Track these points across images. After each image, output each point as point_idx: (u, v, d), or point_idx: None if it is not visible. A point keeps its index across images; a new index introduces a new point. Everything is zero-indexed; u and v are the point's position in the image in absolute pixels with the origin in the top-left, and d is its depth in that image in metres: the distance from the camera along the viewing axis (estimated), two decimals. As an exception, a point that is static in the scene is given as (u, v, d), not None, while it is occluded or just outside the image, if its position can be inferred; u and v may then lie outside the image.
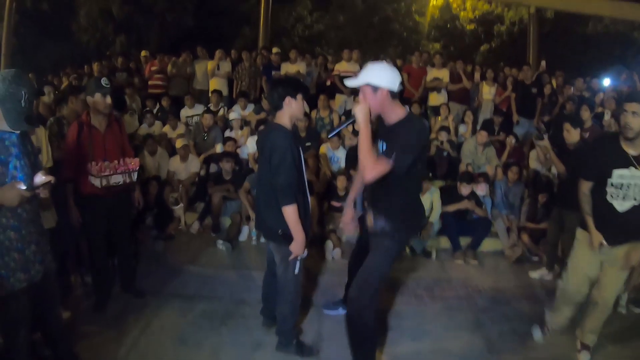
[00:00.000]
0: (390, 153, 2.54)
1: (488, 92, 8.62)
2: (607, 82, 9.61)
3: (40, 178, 2.32)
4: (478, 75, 9.07)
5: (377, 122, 2.86)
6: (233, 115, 7.57)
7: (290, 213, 2.86)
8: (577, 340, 3.49)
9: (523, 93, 8.29)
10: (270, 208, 2.96)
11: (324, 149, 6.82)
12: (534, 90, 8.30)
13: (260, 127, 6.68)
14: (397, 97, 2.64)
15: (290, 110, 2.96)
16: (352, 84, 2.69)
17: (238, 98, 8.23)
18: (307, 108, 3.12)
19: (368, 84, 2.59)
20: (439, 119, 7.91)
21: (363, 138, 2.59)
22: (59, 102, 5.19)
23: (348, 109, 8.23)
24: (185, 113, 8.13)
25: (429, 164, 6.80)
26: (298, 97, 2.96)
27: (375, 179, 2.56)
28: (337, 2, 19.56)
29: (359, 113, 2.61)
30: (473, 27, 19.20)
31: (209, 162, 6.84)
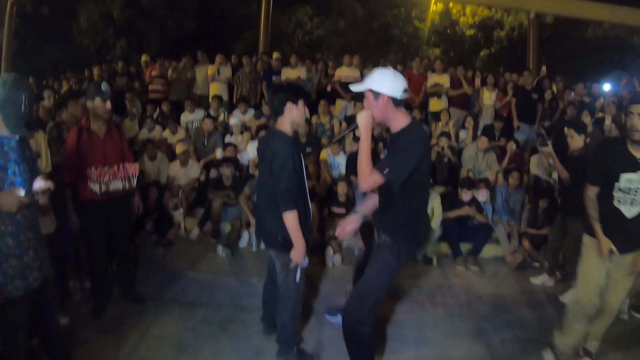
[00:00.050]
0: (384, 166, 2.50)
1: (489, 97, 8.61)
2: (607, 87, 9.62)
3: (39, 184, 2.30)
4: (479, 81, 9.08)
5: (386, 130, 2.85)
6: (233, 121, 7.57)
7: (291, 219, 2.83)
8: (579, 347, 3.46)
9: (524, 98, 8.28)
10: (271, 214, 2.93)
11: (325, 155, 6.80)
12: (535, 96, 8.29)
13: (261, 132, 6.66)
14: (400, 104, 2.57)
15: (291, 116, 2.94)
16: (355, 89, 2.67)
17: (238, 103, 8.22)
18: (307, 114, 3.10)
19: (370, 90, 2.56)
20: (440, 125, 7.89)
21: (362, 145, 2.57)
22: (59, 106, 5.20)
23: (349, 115, 8.23)
24: (186, 118, 8.10)
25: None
26: (299, 103, 2.95)
27: (371, 189, 2.55)
28: (337, 7, 19.64)
29: (361, 119, 2.59)
30: (473, 32, 19.27)
31: (209, 167, 6.81)
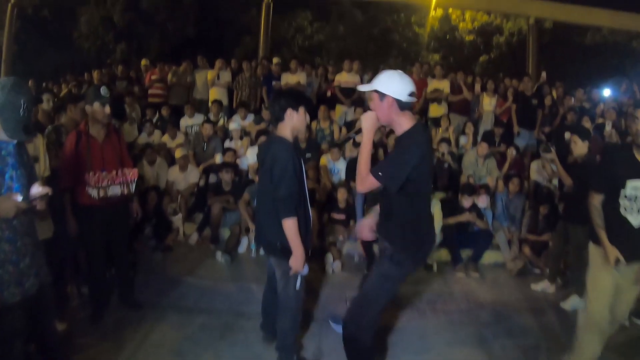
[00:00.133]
0: (379, 169, 2.50)
1: (489, 103, 8.59)
2: (607, 92, 9.62)
3: (37, 189, 2.27)
4: (479, 87, 9.05)
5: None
6: (233, 126, 7.54)
7: (290, 226, 2.80)
8: None
9: (524, 104, 8.26)
10: (271, 221, 2.90)
11: (325, 160, 6.78)
12: (535, 102, 8.27)
13: (261, 137, 6.63)
14: (406, 107, 2.55)
15: (292, 123, 2.92)
16: (362, 89, 2.71)
17: (238, 108, 8.20)
18: (308, 120, 3.07)
19: (376, 91, 2.56)
20: (440, 131, 7.87)
21: (363, 147, 2.57)
22: (58, 110, 5.16)
23: (348, 120, 8.21)
24: (185, 122, 8.09)
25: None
26: (300, 109, 2.92)
27: (367, 191, 2.56)
28: (337, 12, 19.68)
29: (365, 121, 2.60)
30: (472, 38, 19.32)
31: (209, 172, 6.78)
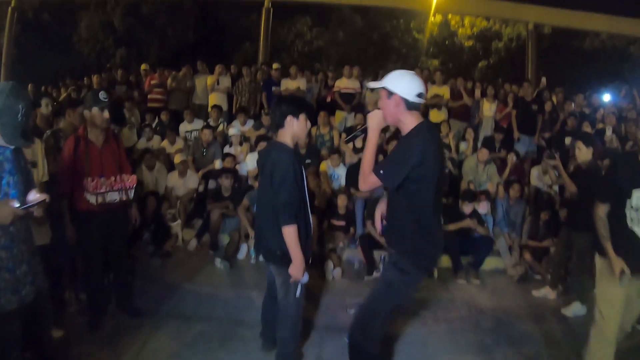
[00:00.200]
0: (380, 167, 2.49)
1: (489, 108, 8.59)
2: (607, 97, 9.62)
3: (34, 196, 2.24)
4: (478, 92, 9.03)
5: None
6: (232, 131, 7.52)
7: (290, 233, 2.77)
8: None
9: (524, 110, 8.26)
10: (271, 228, 2.87)
11: (325, 167, 6.76)
12: (535, 107, 8.26)
13: (260, 143, 6.61)
14: (413, 107, 2.53)
15: (292, 130, 2.89)
16: (371, 86, 2.70)
17: (238, 114, 8.18)
18: (309, 127, 3.04)
19: (385, 88, 2.55)
20: (440, 136, 7.85)
21: (368, 145, 2.57)
22: (57, 114, 5.14)
23: (348, 126, 8.19)
24: (185, 128, 8.06)
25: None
26: (301, 117, 2.90)
27: (369, 190, 2.52)
28: (336, 18, 19.73)
29: (371, 119, 2.59)
30: (471, 43, 19.40)
31: (208, 178, 6.76)
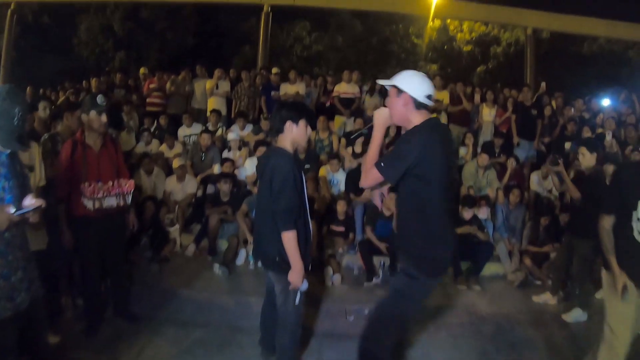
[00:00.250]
0: (380, 160, 2.49)
1: (488, 113, 8.58)
2: (606, 102, 9.63)
3: (30, 201, 2.20)
4: (478, 97, 9.02)
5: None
6: (231, 136, 7.48)
7: (290, 239, 2.74)
8: None
9: (523, 115, 8.24)
10: (270, 233, 2.84)
11: (324, 172, 6.72)
12: (534, 112, 8.25)
13: (259, 147, 6.58)
14: (422, 107, 2.52)
15: (291, 135, 2.87)
16: (381, 83, 2.69)
17: (237, 118, 8.15)
18: (310, 133, 3.01)
19: (395, 86, 2.55)
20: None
21: (373, 141, 2.57)
22: (55, 117, 5.10)
23: (347, 131, 8.17)
24: (183, 132, 8.02)
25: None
26: (300, 122, 2.87)
27: (370, 186, 2.57)
28: (335, 23, 19.80)
29: (378, 116, 2.60)
30: (470, 48, 19.49)
31: (206, 182, 6.71)
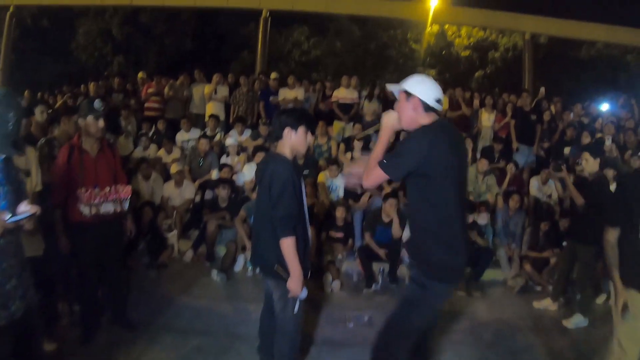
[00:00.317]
0: (384, 158, 2.47)
1: (487, 119, 8.58)
2: (605, 107, 9.64)
3: (25, 208, 2.16)
4: (477, 102, 9.03)
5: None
6: (230, 141, 7.46)
7: (288, 246, 2.71)
8: None
9: (522, 120, 8.24)
10: (268, 240, 2.81)
11: (323, 177, 6.70)
12: (533, 117, 8.24)
13: (258, 153, 6.55)
14: (432, 111, 2.51)
15: (290, 142, 2.84)
16: (391, 88, 2.69)
17: (235, 123, 8.13)
18: (309, 140, 2.97)
19: (404, 90, 2.55)
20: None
21: (379, 142, 2.57)
22: (52, 122, 5.08)
23: (346, 136, 8.16)
24: (181, 137, 7.99)
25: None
26: (300, 129, 2.83)
27: (373, 186, 2.57)
28: (334, 28, 19.83)
29: (386, 118, 2.61)
30: (468, 53, 19.54)
31: (205, 188, 6.67)
